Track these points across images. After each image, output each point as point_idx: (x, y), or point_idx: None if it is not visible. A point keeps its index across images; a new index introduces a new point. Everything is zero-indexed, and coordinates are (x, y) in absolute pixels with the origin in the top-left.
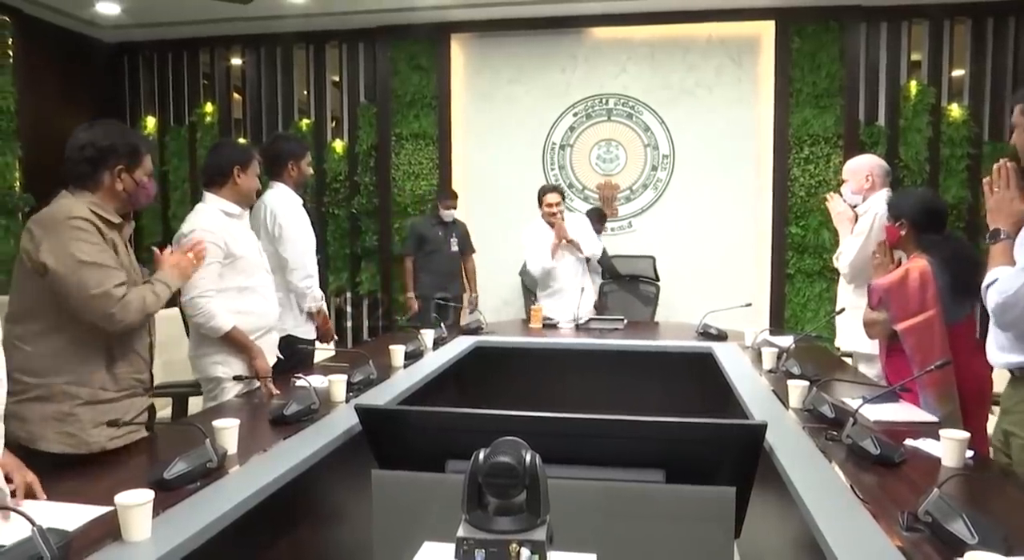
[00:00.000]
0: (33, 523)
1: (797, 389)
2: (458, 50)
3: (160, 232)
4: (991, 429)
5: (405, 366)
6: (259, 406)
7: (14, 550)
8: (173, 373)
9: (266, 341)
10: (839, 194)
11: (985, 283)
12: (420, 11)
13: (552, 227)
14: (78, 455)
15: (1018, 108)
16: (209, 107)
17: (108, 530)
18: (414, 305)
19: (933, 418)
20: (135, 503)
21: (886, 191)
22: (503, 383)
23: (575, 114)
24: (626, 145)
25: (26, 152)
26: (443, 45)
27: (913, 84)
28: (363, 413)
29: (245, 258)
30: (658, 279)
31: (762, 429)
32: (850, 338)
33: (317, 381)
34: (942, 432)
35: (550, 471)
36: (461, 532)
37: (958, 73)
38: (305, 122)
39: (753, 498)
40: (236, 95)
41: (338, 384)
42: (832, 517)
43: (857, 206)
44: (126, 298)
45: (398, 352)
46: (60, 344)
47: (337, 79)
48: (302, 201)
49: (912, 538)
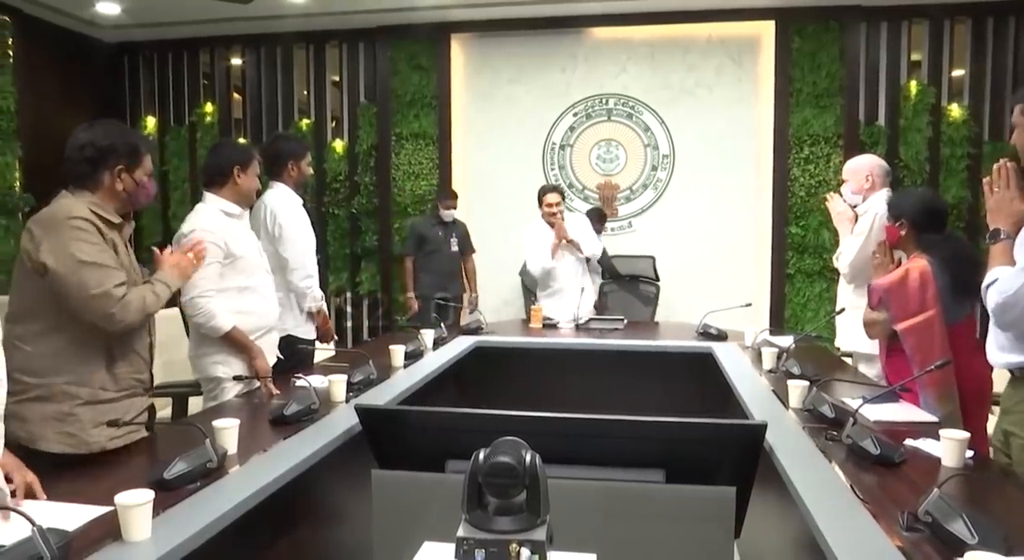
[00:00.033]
0: (33, 523)
1: (797, 389)
2: (458, 50)
3: (160, 232)
4: (991, 429)
5: (405, 366)
6: (259, 406)
7: (14, 550)
8: (173, 373)
9: (266, 341)
10: (839, 194)
11: (985, 283)
12: (420, 11)
13: (552, 227)
14: (78, 455)
15: (1018, 108)
16: (209, 107)
17: (108, 530)
18: (414, 305)
19: (933, 418)
20: (135, 503)
21: (886, 191)
22: (503, 383)
23: (575, 114)
24: (626, 145)
25: (26, 152)
26: (443, 45)
27: (913, 84)
28: (363, 413)
29: (245, 258)
30: (658, 279)
31: (762, 429)
32: (850, 338)
33: (317, 381)
34: (942, 432)
35: (550, 471)
36: (461, 532)
37: (958, 73)
38: (305, 122)
39: (753, 498)
40: (236, 95)
41: (338, 384)
42: (832, 517)
43: (857, 206)
44: (126, 298)
45: (398, 352)
46: (60, 344)
47: (337, 79)
48: (302, 201)
49: (912, 538)
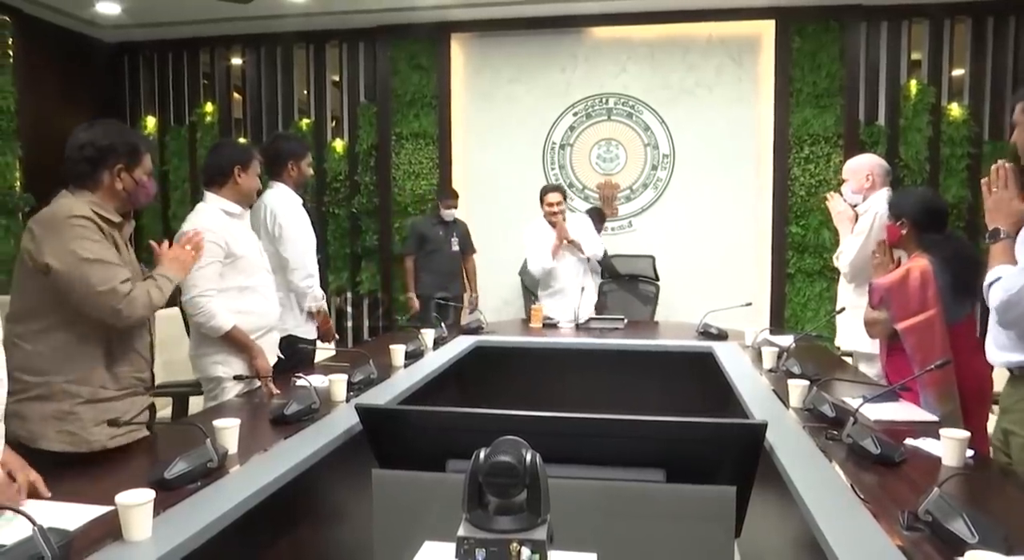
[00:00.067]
0: (34, 523)
1: (797, 388)
2: (458, 50)
3: (160, 232)
4: (991, 428)
5: (405, 366)
6: (260, 406)
7: (15, 550)
8: (173, 373)
9: (267, 341)
10: (839, 193)
11: (987, 281)
12: (420, 11)
13: (553, 227)
14: (79, 454)
15: (1019, 106)
16: (209, 107)
17: (109, 530)
18: (415, 304)
19: (933, 417)
20: (136, 503)
21: (886, 190)
22: (503, 383)
23: (575, 113)
24: (626, 144)
25: (26, 152)
26: (443, 45)
27: (913, 83)
28: (364, 413)
29: (246, 258)
30: (658, 279)
31: (762, 428)
32: (850, 337)
33: (317, 381)
34: (942, 431)
35: (550, 470)
36: (462, 531)
37: (958, 72)
38: (305, 122)
39: (753, 497)
40: (236, 95)
41: (338, 384)
42: (832, 516)
43: (857, 205)
44: (132, 294)
45: (398, 352)
46: (61, 343)
47: (337, 79)
48: (302, 201)
49: (912, 537)
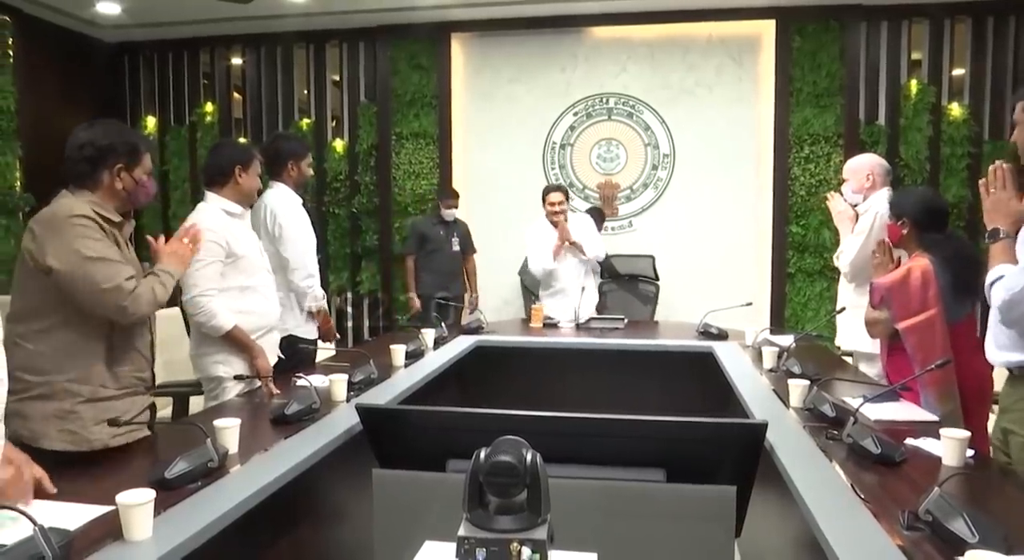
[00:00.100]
0: (35, 522)
1: (798, 388)
2: (458, 49)
3: (160, 231)
4: (991, 428)
5: (406, 366)
6: (260, 405)
7: (16, 549)
8: (174, 372)
9: (267, 341)
10: (839, 193)
11: (989, 280)
12: (420, 10)
13: (555, 227)
14: (80, 453)
15: (1019, 105)
16: (209, 107)
17: (109, 529)
18: (415, 304)
19: (934, 417)
20: (136, 502)
21: (887, 190)
22: (504, 382)
23: (575, 113)
24: (626, 144)
25: (26, 152)
26: (443, 44)
27: (913, 83)
28: (364, 412)
29: (246, 257)
30: (657, 278)
31: (763, 428)
32: (850, 337)
33: (318, 380)
34: (943, 431)
35: (551, 470)
36: (462, 531)
37: (958, 72)
38: (305, 122)
39: (754, 497)
40: (236, 95)
41: (339, 383)
42: (833, 516)
43: (858, 205)
44: (137, 290)
45: (399, 351)
46: (62, 342)
47: (337, 78)
48: (302, 201)
49: (913, 537)
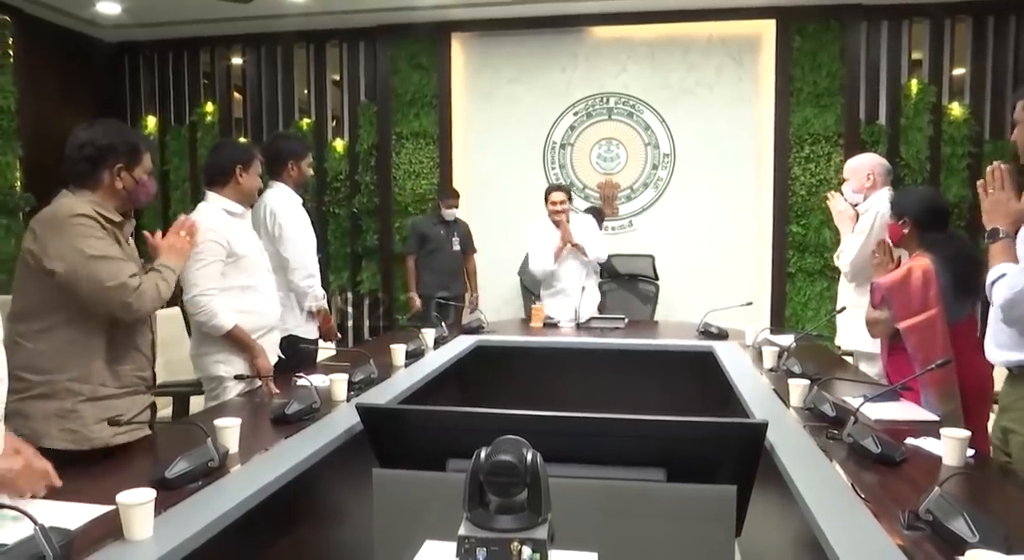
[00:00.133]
0: (35, 522)
1: (798, 388)
2: (459, 49)
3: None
4: (991, 427)
5: (406, 365)
6: (260, 405)
7: (16, 549)
8: (174, 372)
9: (267, 340)
10: (840, 193)
11: (990, 279)
12: (421, 10)
13: (557, 226)
14: (80, 452)
15: (1020, 104)
16: (210, 106)
17: (110, 529)
18: (416, 304)
19: (934, 417)
20: (137, 502)
21: (887, 190)
22: (504, 382)
23: (576, 113)
24: (627, 144)
25: (27, 152)
26: (444, 44)
27: (914, 83)
28: (364, 412)
29: (247, 257)
30: (657, 278)
31: (763, 428)
32: (851, 337)
33: (318, 380)
34: (943, 431)
35: (551, 470)
36: (462, 531)
37: (959, 72)
38: (305, 121)
39: (754, 497)
40: (236, 94)
41: (339, 383)
42: (833, 516)
43: (858, 205)
44: (141, 287)
45: (399, 351)
46: (63, 341)
47: (337, 78)
48: (302, 200)
49: (913, 536)
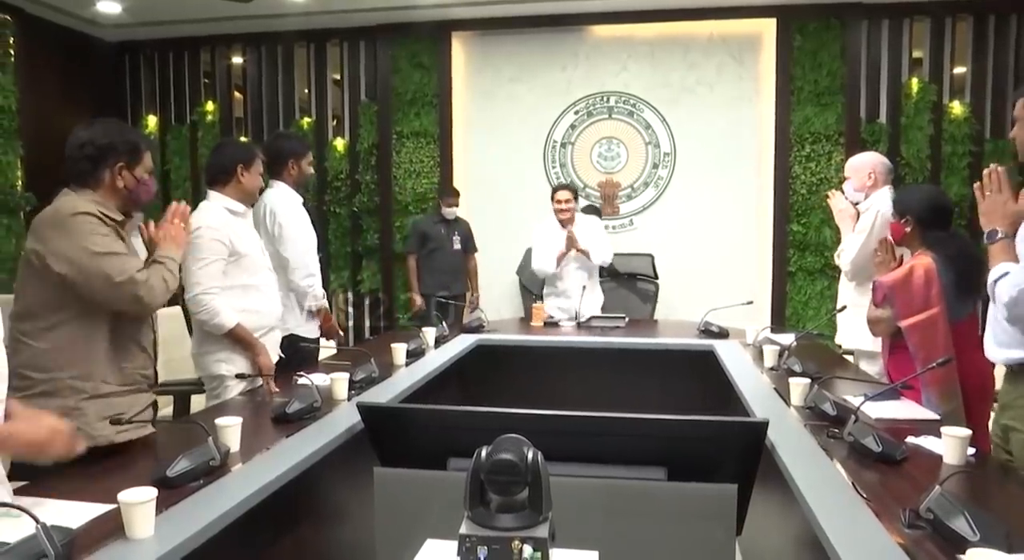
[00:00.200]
0: (37, 521)
1: (799, 387)
2: (459, 48)
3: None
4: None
5: (407, 364)
6: (262, 404)
7: (18, 548)
8: (174, 371)
9: (268, 339)
10: (841, 191)
11: (992, 278)
12: (421, 9)
13: (562, 225)
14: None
15: (1020, 102)
16: (210, 106)
17: (112, 528)
18: (417, 303)
19: (935, 415)
20: (138, 501)
21: (888, 189)
22: (505, 381)
23: (576, 112)
24: (627, 143)
25: (27, 151)
26: (444, 43)
27: (915, 81)
28: (365, 411)
29: (249, 256)
30: (656, 277)
31: (764, 427)
32: (851, 335)
33: (319, 379)
34: (943, 429)
35: (552, 469)
36: (463, 529)
37: (959, 70)
38: (306, 120)
39: (755, 496)
40: (237, 94)
41: (340, 382)
42: (834, 514)
43: (859, 203)
44: (149, 281)
45: (400, 350)
46: (65, 340)
47: (338, 77)
48: (302, 200)
49: (914, 535)
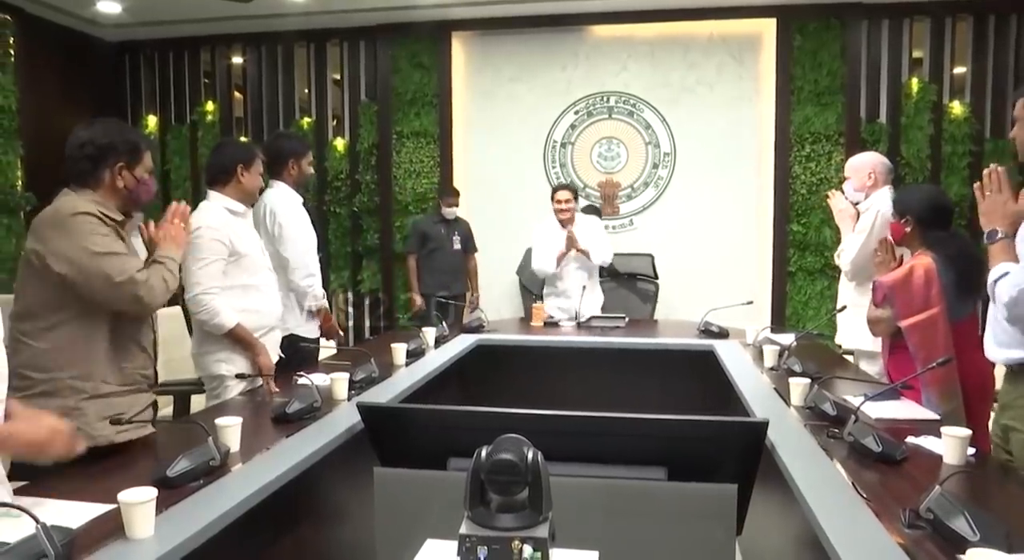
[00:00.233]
0: (37, 521)
1: (798, 387)
2: (459, 48)
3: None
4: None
5: (407, 364)
6: (262, 404)
7: (18, 548)
8: (174, 371)
9: (268, 340)
10: (841, 191)
11: (992, 278)
12: (421, 9)
13: (563, 225)
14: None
15: (1020, 102)
16: (210, 106)
17: (112, 528)
18: (417, 303)
19: (935, 415)
20: (138, 501)
21: (888, 188)
22: (505, 381)
23: (576, 112)
24: (627, 143)
25: (27, 151)
26: (444, 43)
27: (915, 81)
28: (365, 411)
29: (249, 256)
30: (656, 277)
31: (764, 426)
32: (851, 335)
33: (319, 379)
34: (943, 429)
35: (552, 469)
36: (463, 529)
37: (959, 70)
38: (306, 120)
39: (755, 496)
40: (237, 94)
41: (340, 382)
42: (834, 514)
43: (859, 203)
44: (150, 281)
45: (400, 350)
46: (65, 339)
47: (338, 77)
48: (302, 200)
49: (914, 535)
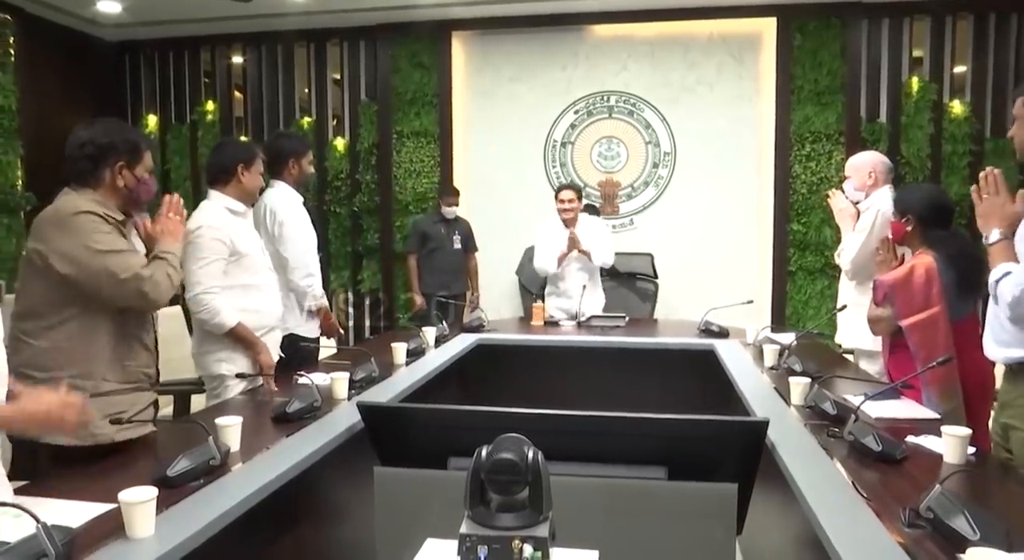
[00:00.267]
0: (37, 520)
1: (799, 386)
2: (459, 48)
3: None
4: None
5: (407, 364)
6: (262, 403)
7: (19, 547)
8: (174, 371)
9: (269, 339)
10: (841, 190)
11: (994, 277)
12: (421, 9)
13: (566, 225)
14: (84, 449)
15: (1020, 101)
16: (210, 105)
17: (112, 527)
18: (418, 303)
19: (935, 414)
20: (139, 500)
21: (888, 188)
22: (505, 380)
23: (576, 111)
24: (627, 142)
25: (28, 151)
26: (444, 43)
27: (915, 81)
28: (365, 410)
29: (250, 256)
30: (656, 276)
31: (764, 426)
32: (851, 335)
33: (319, 379)
34: (944, 428)
35: (552, 468)
36: (464, 529)
37: (960, 69)
38: (306, 120)
39: (755, 495)
40: (237, 93)
41: (340, 382)
42: (834, 513)
43: (859, 202)
44: (154, 277)
45: (400, 350)
46: (67, 338)
47: (338, 77)
48: (303, 199)
49: (914, 534)
